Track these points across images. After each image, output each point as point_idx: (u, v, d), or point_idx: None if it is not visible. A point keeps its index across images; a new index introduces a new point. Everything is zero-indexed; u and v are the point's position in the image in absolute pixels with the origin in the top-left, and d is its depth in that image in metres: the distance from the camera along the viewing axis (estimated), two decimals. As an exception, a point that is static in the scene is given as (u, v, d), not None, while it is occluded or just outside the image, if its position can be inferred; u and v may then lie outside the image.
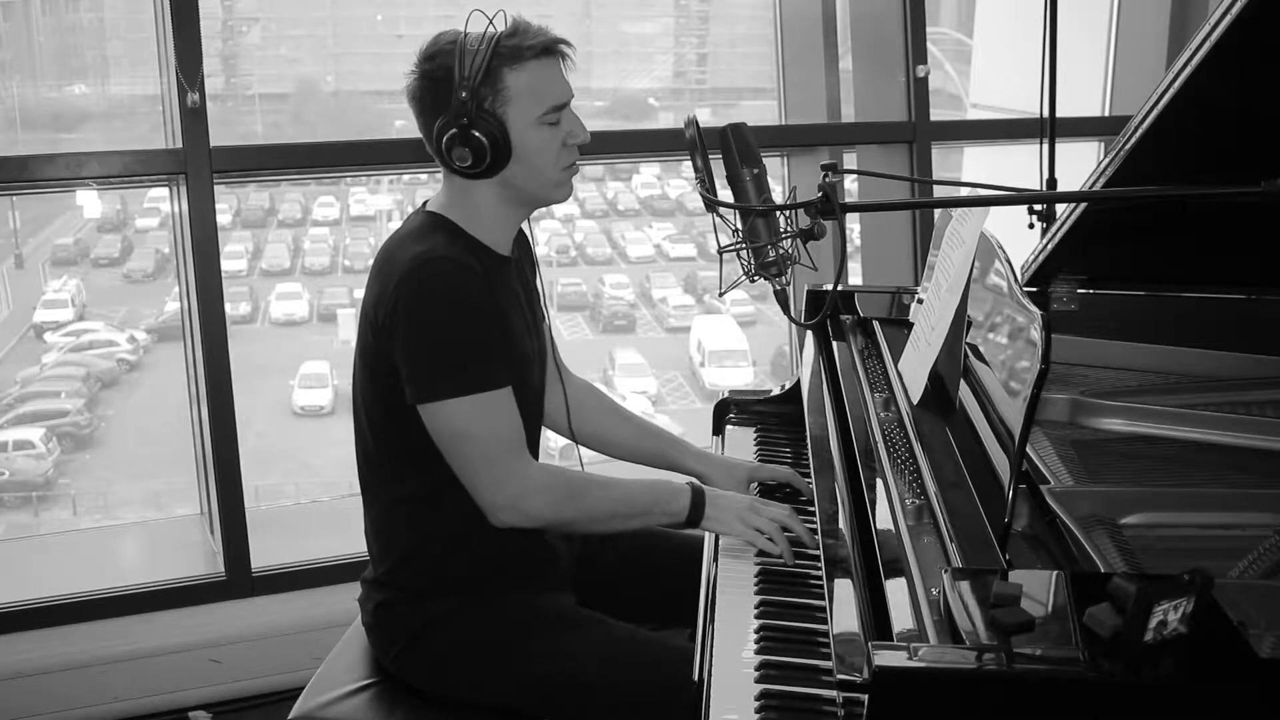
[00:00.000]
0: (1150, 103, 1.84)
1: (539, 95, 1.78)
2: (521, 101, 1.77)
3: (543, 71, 1.79)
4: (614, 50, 5.60)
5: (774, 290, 1.59)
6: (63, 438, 5.83)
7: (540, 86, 1.78)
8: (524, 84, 1.77)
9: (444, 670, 1.86)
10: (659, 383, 7.08)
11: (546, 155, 1.81)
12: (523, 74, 1.77)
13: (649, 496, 1.88)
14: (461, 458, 1.79)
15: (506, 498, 1.79)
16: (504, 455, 1.79)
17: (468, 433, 1.77)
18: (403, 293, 1.75)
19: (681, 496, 1.87)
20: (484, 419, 1.77)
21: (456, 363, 1.76)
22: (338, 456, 5.98)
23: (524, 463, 1.82)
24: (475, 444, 1.77)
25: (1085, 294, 2.22)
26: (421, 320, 1.75)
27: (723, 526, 1.86)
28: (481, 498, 1.80)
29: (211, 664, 2.91)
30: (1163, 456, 1.77)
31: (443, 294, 1.75)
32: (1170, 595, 1.12)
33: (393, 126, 6.71)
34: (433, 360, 1.76)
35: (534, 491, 1.80)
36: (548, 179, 1.83)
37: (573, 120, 1.83)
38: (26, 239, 6.61)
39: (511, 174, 1.81)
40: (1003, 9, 5.25)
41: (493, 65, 1.75)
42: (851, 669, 1.27)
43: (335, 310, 7.00)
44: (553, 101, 1.80)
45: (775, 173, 3.63)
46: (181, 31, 2.79)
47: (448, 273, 1.76)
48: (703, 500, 1.87)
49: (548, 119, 1.79)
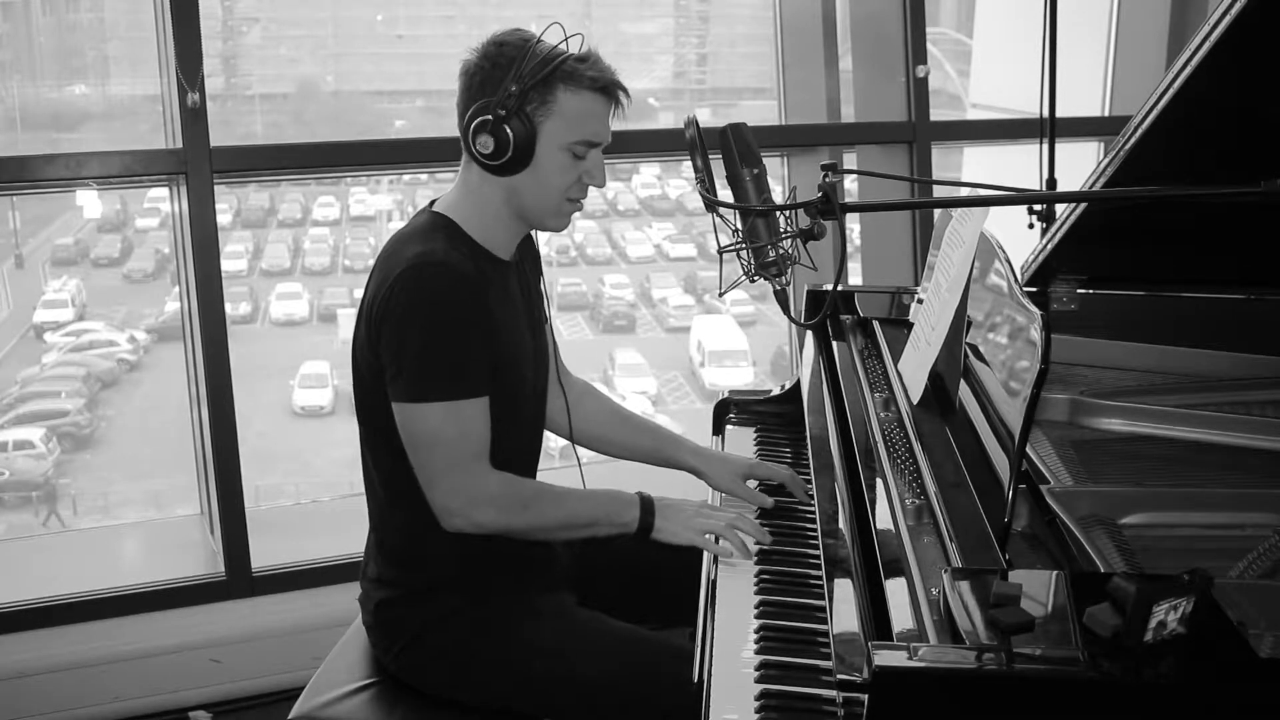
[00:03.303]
0: (1150, 103, 1.84)
1: (579, 124, 1.80)
2: (561, 121, 1.78)
3: (593, 106, 1.80)
4: (614, 50, 5.58)
5: (774, 290, 1.59)
6: (63, 438, 5.83)
7: (584, 118, 1.80)
8: (572, 108, 1.78)
9: (444, 670, 1.86)
10: (659, 383, 7.08)
11: (559, 180, 1.82)
12: (575, 99, 1.78)
13: (598, 509, 1.89)
14: (424, 460, 1.80)
15: (459, 504, 1.80)
16: (465, 463, 1.80)
17: (435, 438, 1.78)
18: (396, 292, 1.76)
19: (631, 508, 1.88)
20: (454, 426, 1.78)
21: (436, 369, 1.77)
22: (338, 456, 5.99)
23: (483, 472, 1.83)
24: (441, 450, 1.79)
25: (1085, 294, 2.22)
26: (408, 322, 1.76)
27: (673, 536, 1.87)
28: (434, 501, 1.81)
29: (211, 664, 2.91)
30: (1163, 456, 1.77)
31: (431, 299, 1.76)
32: (1170, 595, 1.12)
33: (393, 126, 6.71)
34: (413, 363, 1.77)
35: (485, 501, 1.82)
36: (550, 203, 1.84)
37: (597, 162, 1.84)
38: (26, 239, 6.60)
39: (521, 183, 1.82)
40: (1003, 9, 5.25)
41: (552, 77, 1.77)
42: (851, 669, 1.27)
43: (335, 310, 7.00)
44: (589, 136, 1.81)
45: (775, 173, 3.63)
46: (181, 31, 2.79)
47: (440, 277, 1.76)
48: (652, 509, 1.88)
49: (576, 149, 1.81)
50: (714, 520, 1.87)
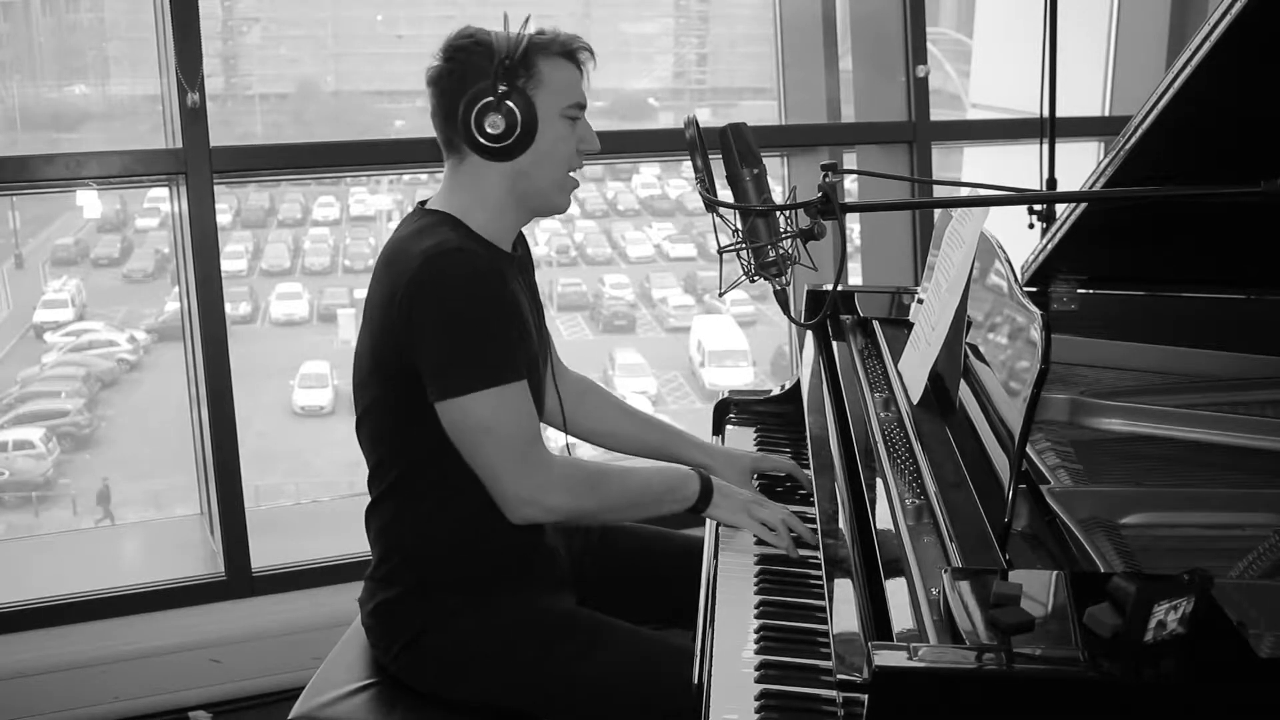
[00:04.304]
0: (1150, 103, 1.84)
1: (566, 89, 1.83)
2: (550, 90, 1.81)
3: (570, 72, 1.84)
4: (614, 50, 5.60)
5: (774, 290, 1.59)
6: (63, 438, 5.84)
7: (568, 83, 1.84)
8: (555, 75, 1.82)
9: (444, 670, 1.86)
10: (659, 383, 7.08)
11: (563, 150, 1.84)
12: (554, 67, 1.82)
13: (663, 483, 1.89)
14: (484, 452, 1.76)
15: (530, 491, 1.77)
16: (526, 448, 1.78)
17: (491, 427, 1.75)
18: (415, 289, 1.73)
19: (692, 482, 1.89)
20: (507, 412, 1.75)
21: (478, 356, 1.74)
22: (338, 456, 5.99)
23: (545, 455, 1.81)
24: (498, 437, 1.75)
25: (1085, 294, 2.22)
26: (439, 315, 1.74)
27: (729, 516, 1.89)
28: (504, 492, 1.78)
29: (211, 664, 2.91)
30: (1163, 456, 1.77)
31: (458, 286, 1.74)
32: (1170, 595, 1.12)
33: (393, 126, 6.71)
34: (454, 355, 1.74)
35: (556, 483, 1.79)
36: (557, 175, 1.86)
37: (587, 127, 1.87)
38: (26, 239, 6.61)
39: (526, 162, 1.82)
40: (1003, 9, 5.25)
41: (528, 52, 1.80)
42: (851, 669, 1.27)
43: (335, 310, 7.00)
44: (576, 99, 1.85)
45: (775, 173, 3.63)
46: (181, 31, 2.79)
47: (462, 264, 1.74)
48: (710, 487, 1.90)
49: (570, 113, 1.84)
50: (769, 512, 1.88)
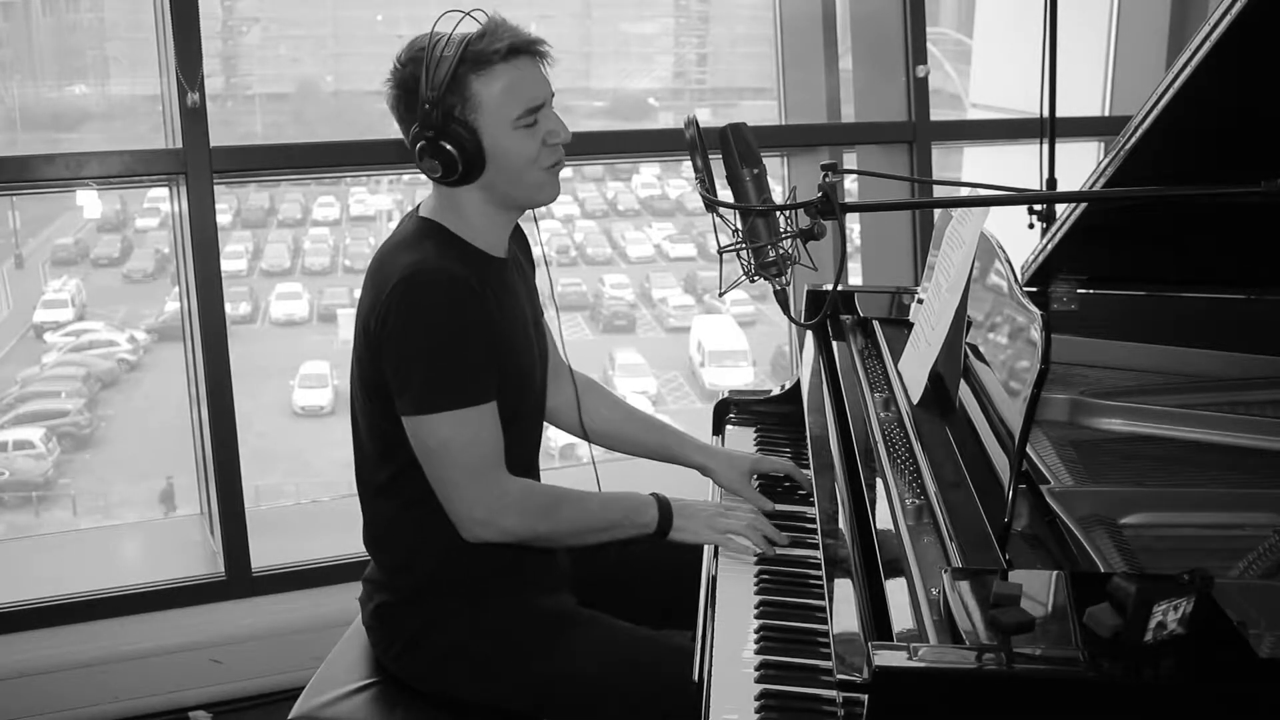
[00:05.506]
0: (1150, 103, 1.83)
1: (511, 100, 1.74)
2: (492, 108, 1.74)
3: (515, 74, 1.74)
4: (614, 50, 5.60)
5: (774, 290, 1.59)
6: (63, 438, 5.84)
7: (512, 91, 1.74)
8: (494, 90, 1.73)
9: (444, 670, 1.86)
10: (659, 383, 7.09)
11: (524, 158, 1.77)
12: (492, 80, 1.73)
13: (617, 512, 1.88)
14: (440, 471, 1.78)
15: (483, 512, 1.79)
16: (482, 471, 1.78)
17: (449, 447, 1.76)
18: (392, 304, 1.74)
19: (649, 509, 1.87)
20: (467, 434, 1.76)
21: (442, 378, 1.75)
22: (338, 456, 5.97)
23: (501, 479, 1.81)
24: (456, 459, 1.77)
25: (1085, 294, 2.22)
26: (408, 334, 1.75)
27: (693, 535, 1.87)
28: (457, 511, 1.79)
29: (212, 664, 2.91)
30: (1163, 456, 1.77)
31: (429, 308, 1.74)
32: (1170, 595, 1.12)
33: (392, 126, 6.70)
34: (418, 374, 1.75)
35: (511, 507, 1.80)
36: (529, 181, 1.80)
37: (551, 119, 1.79)
38: (26, 239, 6.61)
39: (491, 179, 1.79)
40: (1003, 9, 5.25)
41: (459, 73, 1.71)
42: (851, 669, 1.27)
43: (335, 310, 7.01)
44: (526, 105, 1.75)
45: (775, 173, 3.63)
46: (181, 32, 2.79)
47: (435, 285, 1.74)
48: (670, 511, 1.88)
49: (523, 122, 1.76)
50: (734, 520, 1.87)
